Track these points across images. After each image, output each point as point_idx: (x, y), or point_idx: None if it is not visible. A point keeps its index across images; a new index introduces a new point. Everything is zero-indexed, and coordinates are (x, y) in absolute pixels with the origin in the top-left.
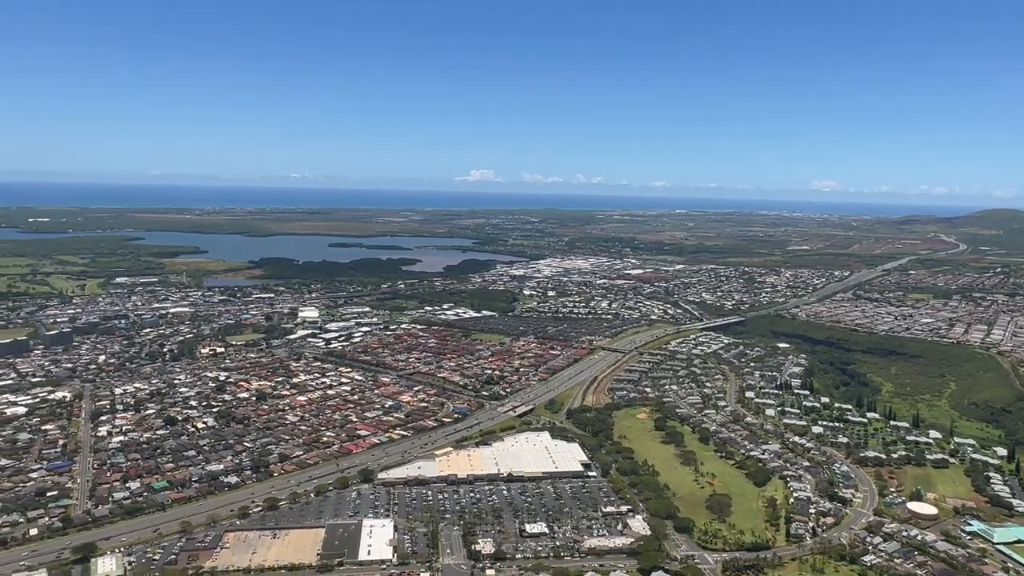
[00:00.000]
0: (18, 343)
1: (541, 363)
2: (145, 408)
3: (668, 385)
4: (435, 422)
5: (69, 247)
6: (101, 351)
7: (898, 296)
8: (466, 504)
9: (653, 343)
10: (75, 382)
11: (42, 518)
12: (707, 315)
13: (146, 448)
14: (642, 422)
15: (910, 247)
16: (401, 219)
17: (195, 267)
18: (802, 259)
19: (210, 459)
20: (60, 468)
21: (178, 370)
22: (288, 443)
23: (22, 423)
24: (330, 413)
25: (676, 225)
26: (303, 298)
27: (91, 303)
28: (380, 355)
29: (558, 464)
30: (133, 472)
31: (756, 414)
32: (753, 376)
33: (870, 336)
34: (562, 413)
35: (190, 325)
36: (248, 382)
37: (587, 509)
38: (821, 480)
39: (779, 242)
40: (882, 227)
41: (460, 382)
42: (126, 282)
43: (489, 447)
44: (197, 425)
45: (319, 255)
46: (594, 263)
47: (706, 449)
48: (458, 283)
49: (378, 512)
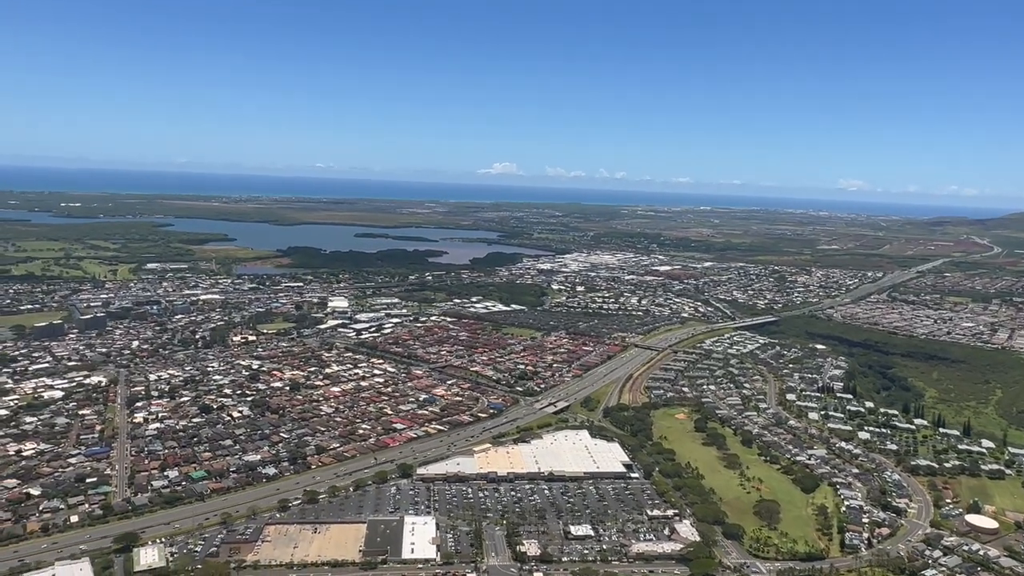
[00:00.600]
0: (53, 326)
1: (574, 359)
2: (180, 395)
3: (706, 385)
4: (471, 417)
5: (101, 232)
6: (134, 336)
7: (935, 299)
8: (508, 503)
9: (687, 341)
10: (110, 367)
11: (82, 505)
12: (739, 314)
13: (182, 436)
14: (681, 423)
15: (943, 249)
16: (425, 211)
17: (224, 254)
18: (833, 259)
19: (247, 449)
20: (98, 454)
21: (211, 357)
22: (324, 435)
23: (59, 407)
24: (364, 405)
25: (702, 222)
26: (332, 288)
27: (123, 288)
28: (411, 347)
29: (599, 464)
30: (171, 460)
31: (799, 417)
32: (792, 378)
33: (909, 339)
34: (599, 411)
35: (221, 312)
36: (281, 371)
37: (632, 512)
38: (872, 488)
39: (808, 241)
40: (912, 228)
41: (493, 376)
42: (157, 268)
43: (528, 445)
44: (232, 414)
45: (346, 245)
46: (621, 258)
47: (749, 452)
48: (485, 276)
49: (419, 508)
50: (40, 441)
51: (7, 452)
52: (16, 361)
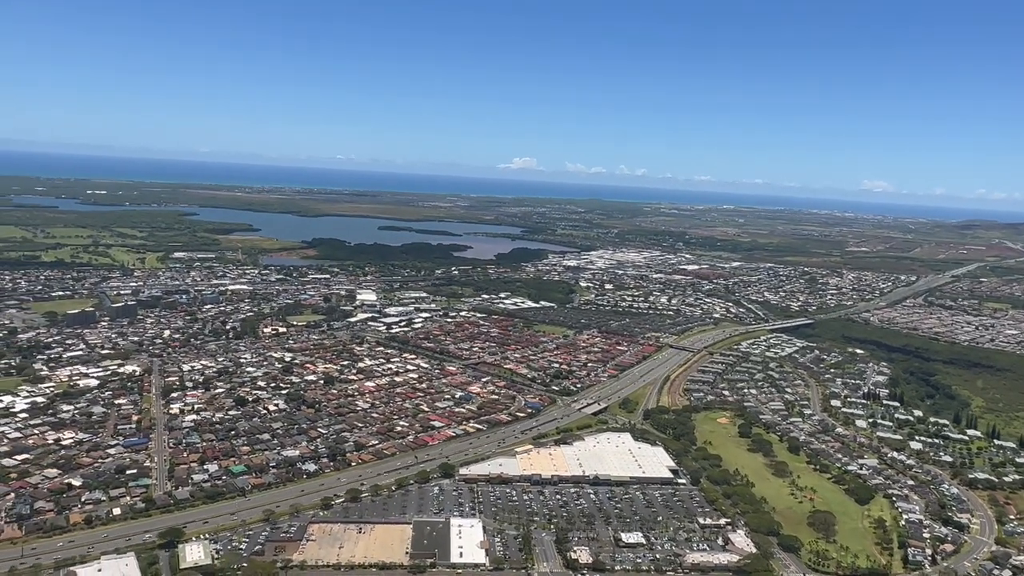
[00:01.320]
0: (85, 314)
1: (608, 358)
2: (214, 387)
3: (747, 389)
4: (508, 416)
5: (127, 220)
6: (165, 326)
7: (973, 304)
8: (554, 506)
9: (722, 343)
10: (143, 356)
11: (124, 497)
12: (772, 316)
13: (219, 429)
14: (724, 427)
15: (975, 253)
16: (447, 204)
17: (250, 245)
18: (863, 261)
19: (285, 444)
20: (136, 445)
21: (242, 348)
22: (362, 431)
23: (95, 396)
24: (400, 401)
25: (727, 221)
26: (358, 280)
27: (152, 277)
28: (443, 342)
29: (645, 469)
30: (210, 454)
31: (846, 425)
32: (835, 383)
33: (952, 346)
34: (638, 413)
35: (250, 303)
36: (314, 364)
37: (682, 519)
38: (931, 502)
39: (836, 243)
40: (942, 231)
41: (527, 375)
42: (184, 257)
43: (570, 447)
44: (268, 407)
45: (370, 237)
46: (647, 256)
47: (797, 460)
48: (512, 272)
49: (463, 510)
50: (78, 430)
51: (46, 441)
52: (50, 348)
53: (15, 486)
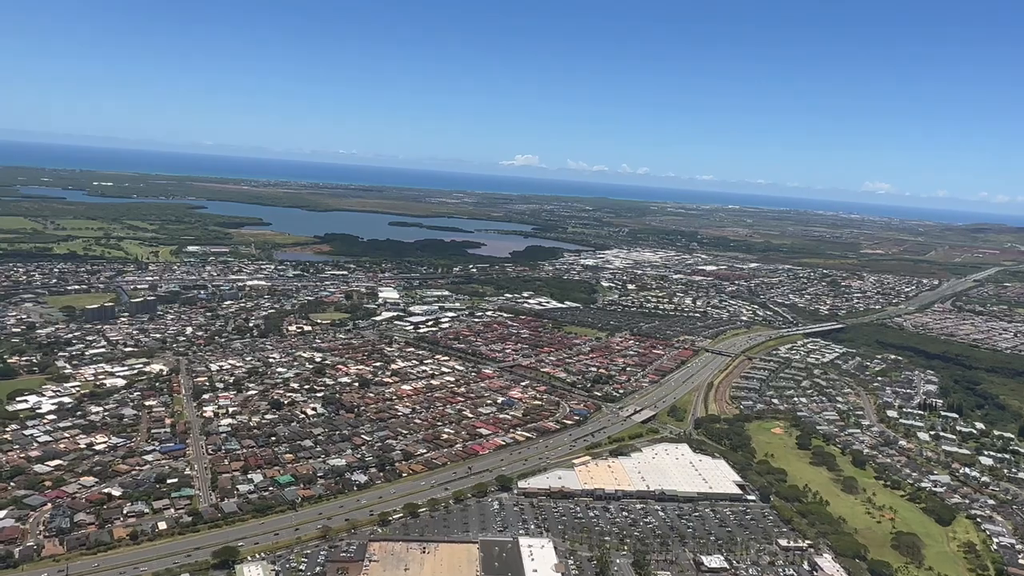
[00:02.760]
0: (105, 309)
1: (646, 363)
2: (246, 388)
3: (796, 397)
4: (556, 424)
5: (136, 213)
6: (186, 322)
7: (1002, 310)
8: (623, 525)
9: (758, 347)
10: (167, 354)
11: (168, 509)
12: (800, 319)
13: (258, 434)
14: (780, 438)
15: (990, 257)
16: (455, 200)
17: (262, 239)
18: (880, 264)
19: (329, 452)
20: (174, 451)
21: (269, 347)
22: (407, 438)
23: (124, 397)
24: (441, 406)
25: (736, 221)
26: (377, 277)
27: (167, 271)
28: (473, 343)
29: (711, 484)
30: (253, 462)
31: (907, 437)
32: (884, 392)
33: (994, 354)
34: (688, 421)
35: (270, 299)
36: (346, 365)
37: (761, 541)
38: (1018, 524)
39: (849, 244)
40: (952, 234)
41: (567, 379)
42: (198, 251)
43: (629, 458)
44: (306, 411)
45: (382, 233)
46: (663, 256)
47: (865, 475)
48: (530, 271)
49: (529, 528)
50: (110, 434)
51: (78, 445)
52: (71, 345)
53: (51, 495)
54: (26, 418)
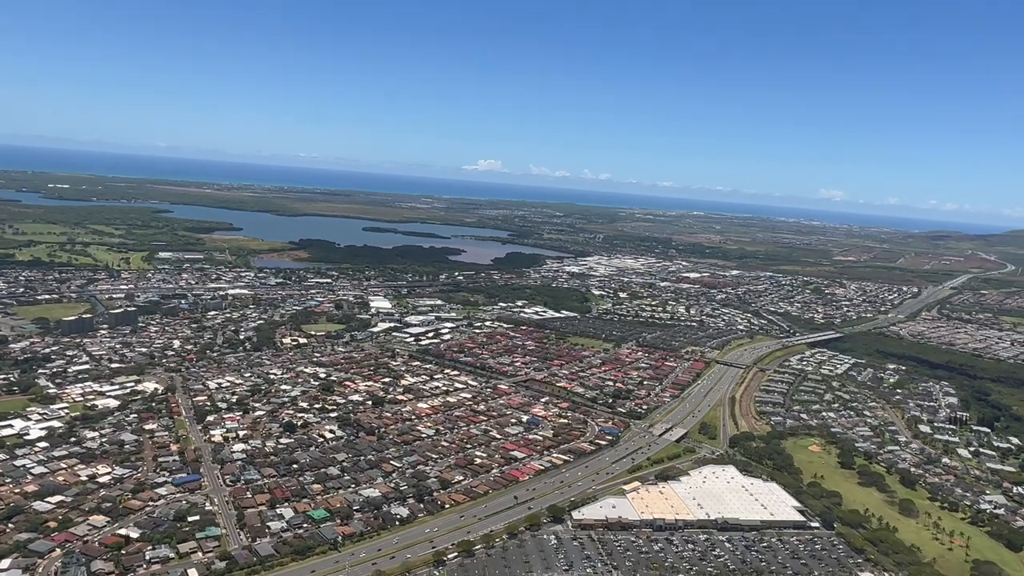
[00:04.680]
0: (83, 321)
1: (661, 376)
2: (251, 408)
3: (824, 412)
4: (590, 444)
5: (99, 217)
6: (172, 335)
7: (988, 318)
8: (692, 559)
9: (767, 358)
10: (158, 370)
11: (195, 553)
12: (797, 328)
13: (277, 462)
14: (820, 456)
15: (957, 264)
16: (424, 205)
17: (236, 245)
18: (855, 271)
19: (359, 480)
20: (188, 482)
21: (267, 362)
22: (438, 463)
23: (119, 420)
24: (465, 426)
25: (704, 227)
26: (362, 285)
27: (142, 279)
28: (480, 356)
29: (771, 510)
30: (279, 494)
31: (947, 453)
32: (908, 405)
33: (997, 363)
34: (720, 439)
35: (255, 309)
36: (354, 382)
37: (840, 574)
38: None
39: (820, 251)
40: (915, 241)
41: (585, 394)
42: (171, 258)
43: (679, 483)
44: (323, 434)
45: (357, 239)
46: (644, 263)
47: (917, 496)
48: (517, 278)
49: (594, 565)
50: (112, 463)
51: (79, 477)
52: (50, 361)
53: (59, 539)
54: (14, 446)
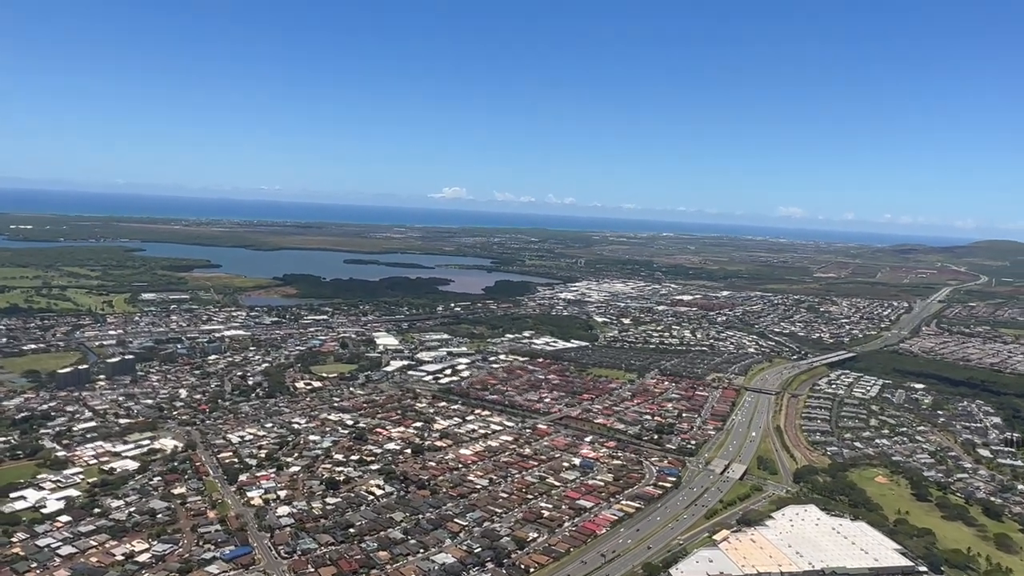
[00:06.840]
0: (79, 373)
1: (696, 406)
2: (284, 464)
3: (876, 439)
4: (655, 488)
5: (71, 258)
6: (176, 383)
7: (987, 331)
8: None
9: (794, 382)
10: (171, 424)
11: None
12: (807, 349)
13: (331, 526)
14: (891, 488)
15: (933, 277)
16: (399, 236)
17: (220, 283)
18: (840, 287)
19: (427, 544)
20: (238, 556)
21: (285, 409)
22: (504, 519)
23: (143, 485)
24: (517, 473)
25: (680, 249)
26: (360, 321)
27: (129, 323)
28: (505, 393)
29: (872, 555)
30: (346, 566)
31: (1016, 479)
32: (954, 426)
33: (1019, 379)
34: (781, 474)
35: (256, 351)
36: (385, 428)
37: None
38: None
39: (800, 268)
40: (884, 256)
41: (627, 431)
42: (155, 299)
43: (767, 528)
44: (371, 490)
45: (341, 272)
46: (634, 287)
47: (1008, 529)
48: (514, 307)
49: None
50: (148, 537)
51: (114, 556)
52: (51, 419)
53: None
54: (32, 521)
